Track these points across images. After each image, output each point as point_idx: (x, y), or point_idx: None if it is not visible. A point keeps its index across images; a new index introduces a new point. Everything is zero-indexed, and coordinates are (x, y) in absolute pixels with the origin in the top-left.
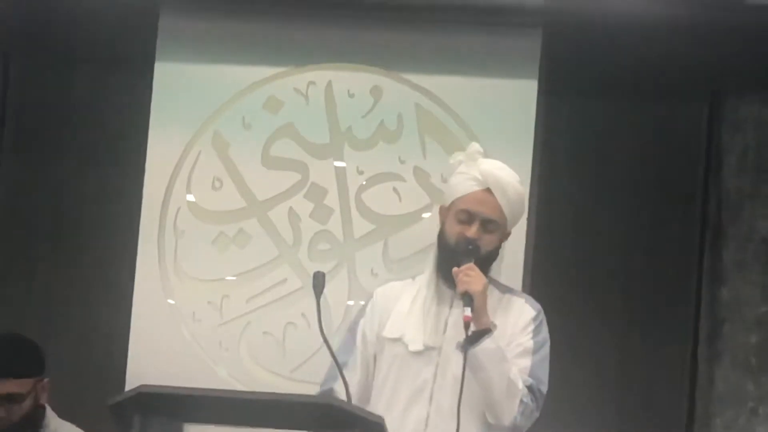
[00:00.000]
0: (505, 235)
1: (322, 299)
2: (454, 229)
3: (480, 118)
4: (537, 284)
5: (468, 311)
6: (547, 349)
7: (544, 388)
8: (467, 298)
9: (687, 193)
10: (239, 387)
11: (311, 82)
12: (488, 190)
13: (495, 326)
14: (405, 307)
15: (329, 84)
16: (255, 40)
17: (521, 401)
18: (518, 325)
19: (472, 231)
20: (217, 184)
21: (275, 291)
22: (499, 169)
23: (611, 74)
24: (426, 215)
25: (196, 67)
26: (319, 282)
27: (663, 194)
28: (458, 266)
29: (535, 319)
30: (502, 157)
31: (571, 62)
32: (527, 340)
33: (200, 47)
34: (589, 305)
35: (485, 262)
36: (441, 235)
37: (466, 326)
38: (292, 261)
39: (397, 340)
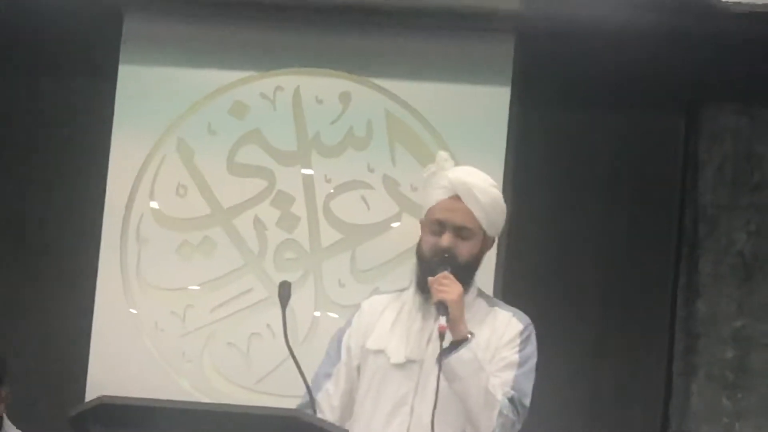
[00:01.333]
0: (488, 243)
1: (287, 310)
2: (428, 241)
3: (451, 125)
4: (507, 296)
5: (443, 320)
6: (533, 363)
7: (527, 401)
8: (442, 308)
9: (663, 205)
10: (202, 399)
11: (279, 88)
12: (457, 197)
13: (473, 335)
14: (390, 319)
15: (297, 89)
16: (221, 44)
17: (500, 413)
18: (504, 339)
19: (444, 240)
20: (181, 190)
21: (240, 301)
22: (467, 174)
23: (585, 82)
24: (395, 225)
25: (160, 71)
26: (284, 292)
27: (638, 206)
28: (433, 276)
29: (521, 333)
30: (473, 165)
31: (544, 69)
32: (512, 354)
33: (165, 50)
34: (561, 319)
35: (465, 271)
36: (418, 249)
37: (441, 336)
38: (257, 270)
39: (380, 352)
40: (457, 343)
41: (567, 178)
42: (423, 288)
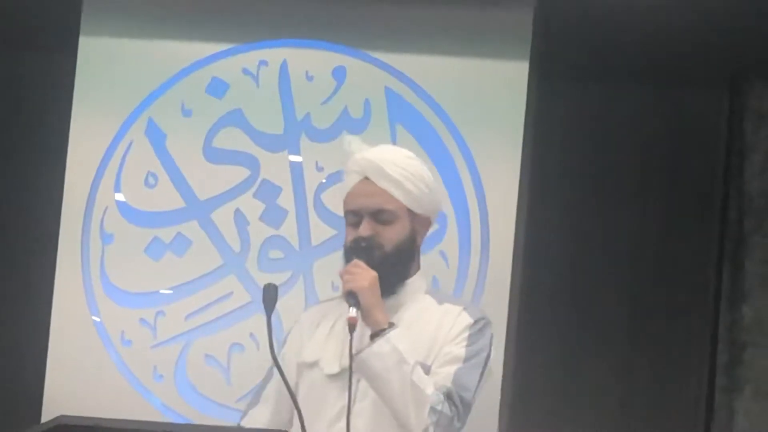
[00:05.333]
0: (421, 223)
1: (274, 316)
2: (349, 236)
3: (461, 105)
4: (526, 303)
5: (353, 312)
6: (481, 358)
7: (469, 395)
8: (351, 298)
9: (703, 195)
10: (176, 419)
11: (263, 62)
12: (368, 180)
13: (392, 325)
14: (326, 328)
15: (284, 64)
16: (197, 12)
17: (432, 410)
18: (450, 334)
19: (362, 229)
20: (151, 180)
21: (219, 306)
22: (376, 152)
23: (615, 55)
24: None
25: (127, 43)
26: (270, 296)
27: (675, 196)
28: None
29: (471, 327)
30: (487, 150)
31: (568, 41)
32: (458, 349)
33: (132, 19)
34: (588, 328)
35: (395, 259)
36: (343, 246)
37: (351, 328)
38: (238, 271)
39: (314, 364)
40: (375, 336)
41: (593, 165)
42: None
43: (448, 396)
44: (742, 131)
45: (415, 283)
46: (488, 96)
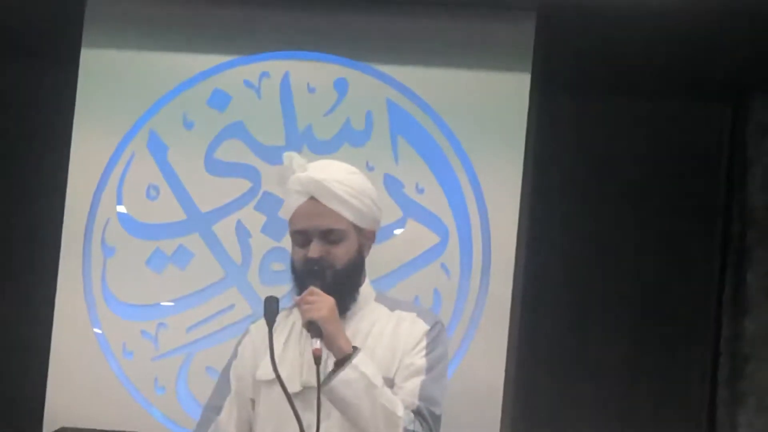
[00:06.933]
0: (367, 238)
1: (275, 329)
2: (297, 255)
3: (463, 116)
4: (527, 314)
5: (316, 343)
6: (443, 366)
7: (438, 410)
8: (314, 328)
9: (706, 208)
10: (177, 431)
11: (264, 74)
12: (314, 199)
13: (357, 349)
14: (281, 342)
15: (286, 76)
16: (199, 24)
17: (405, 430)
18: (409, 343)
19: (312, 250)
20: (152, 192)
21: (220, 319)
22: (319, 170)
23: (617, 67)
24: (398, 231)
25: (129, 55)
26: (271, 308)
27: (678, 208)
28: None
29: (428, 334)
30: (489, 161)
31: (570, 53)
32: (419, 359)
33: (134, 32)
34: (589, 341)
35: (347, 278)
36: (291, 265)
37: (317, 360)
38: (240, 283)
39: (273, 382)
40: (340, 363)
41: (596, 177)
42: None
43: (419, 413)
44: (745, 144)
45: (365, 293)
46: (490, 108)
